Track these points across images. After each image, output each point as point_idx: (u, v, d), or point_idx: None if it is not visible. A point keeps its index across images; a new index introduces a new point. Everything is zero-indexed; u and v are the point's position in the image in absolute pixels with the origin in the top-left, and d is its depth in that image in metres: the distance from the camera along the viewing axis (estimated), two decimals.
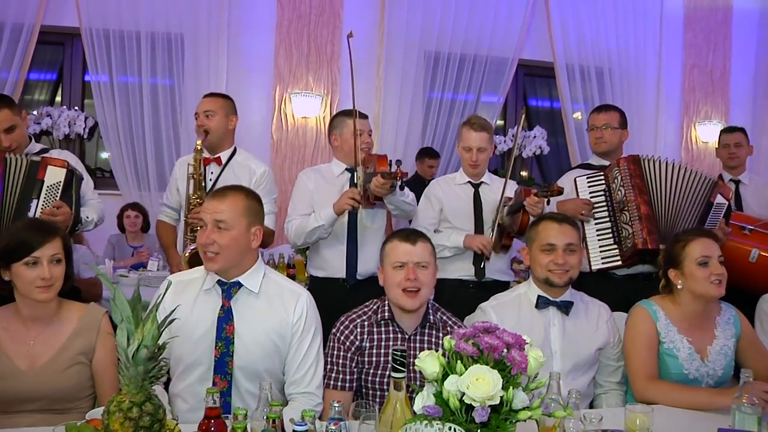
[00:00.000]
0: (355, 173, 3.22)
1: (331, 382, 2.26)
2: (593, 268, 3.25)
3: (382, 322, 2.31)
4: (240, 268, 2.18)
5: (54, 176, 2.87)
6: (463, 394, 1.45)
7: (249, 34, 5.45)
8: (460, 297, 3.22)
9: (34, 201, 2.80)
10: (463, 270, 3.34)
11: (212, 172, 3.34)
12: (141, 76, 5.23)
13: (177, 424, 1.56)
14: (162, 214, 3.56)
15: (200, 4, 5.22)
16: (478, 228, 3.34)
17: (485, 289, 3.17)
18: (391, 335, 2.30)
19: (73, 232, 2.99)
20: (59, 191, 2.87)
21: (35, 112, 5.30)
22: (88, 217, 3.09)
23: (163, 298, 1.65)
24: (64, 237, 2.17)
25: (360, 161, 3.21)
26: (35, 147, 3.16)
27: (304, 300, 2.23)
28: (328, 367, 2.28)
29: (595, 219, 3.27)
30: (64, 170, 2.90)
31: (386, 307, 2.31)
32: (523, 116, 3.51)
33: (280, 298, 2.21)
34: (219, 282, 2.18)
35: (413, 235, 2.30)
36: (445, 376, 1.54)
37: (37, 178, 2.83)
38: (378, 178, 2.90)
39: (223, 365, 2.13)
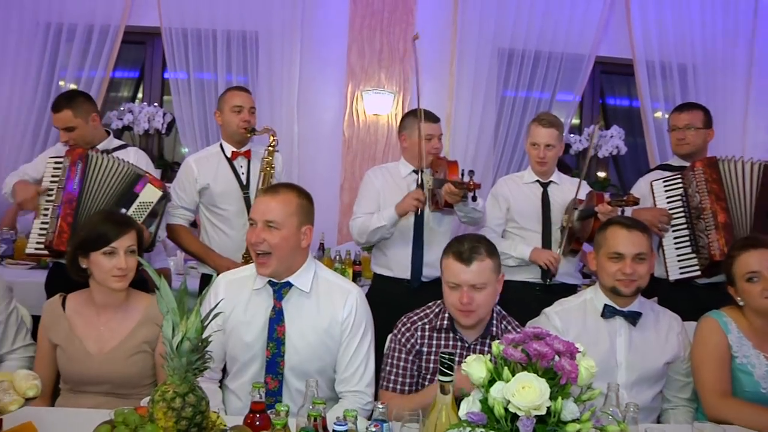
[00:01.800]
0: (421, 177, 3.18)
1: (390, 385, 2.20)
2: (671, 278, 3.08)
3: (443, 329, 2.24)
4: (290, 269, 2.17)
5: (149, 195, 2.92)
6: (509, 402, 1.39)
7: (322, 32, 5.48)
8: (525, 299, 3.13)
9: (123, 210, 2.86)
10: (529, 272, 3.25)
11: (242, 166, 3.33)
12: (217, 73, 5.35)
13: (219, 416, 1.56)
14: (176, 217, 3.32)
15: (274, 2, 5.27)
16: (546, 229, 3.24)
17: (552, 292, 3.07)
18: (451, 343, 2.22)
19: (147, 251, 3.04)
20: (147, 211, 2.92)
21: (121, 108, 5.52)
22: (159, 237, 3.12)
23: (208, 292, 1.65)
24: (138, 230, 2.26)
25: (428, 164, 3.17)
26: (113, 143, 3.25)
27: (354, 297, 2.20)
28: (387, 368, 2.23)
29: (673, 226, 3.10)
30: (160, 193, 2.95)
31: (446, 314, 2.23)
32: (599, 118, 3.39)
33: (330, 297, 2.19)
34: (270, 282, 2.18)
35: (469, 254, 2.13)
36: (491, 382, 1.47)
37: (133, 191, 2.90)
38: (450, 187, 2.86)
39: (274, 365, 2.14)
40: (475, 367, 1.52)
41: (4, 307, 2.33)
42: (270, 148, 3.28)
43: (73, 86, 5.15)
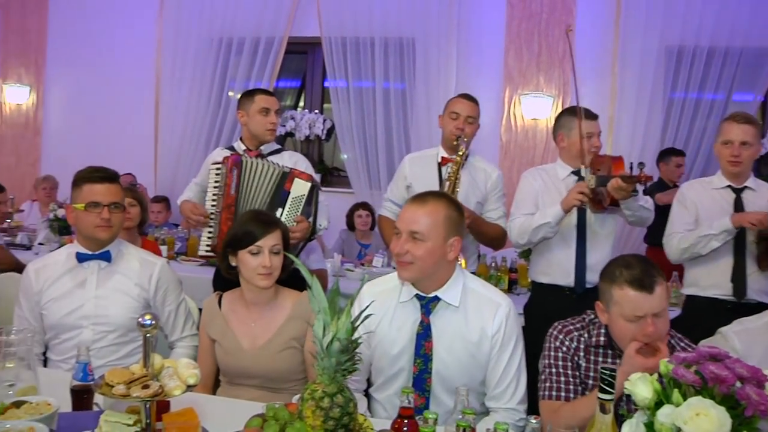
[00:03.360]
0: (584, 175, 3.02)
1: (547, 393, 2.02)
2: None
3: (599, 345, 2.07)
4: (437, 282, 2.08)
5: (299, 189, 3.00)
6: (679, 429, 1.25)
7: (478, 35, 5.43)
8: (712, 318, 2.81)
9: (279, 210, 2.97)
10: (718, 288, 2.96)
11: (448, 173, 3.30)
12: (375, 80, 5.47)
13: (366, 419, 1.55)
14: (385, 209, 3.55)
15: (431, 8, 5.32)
16: (739, 240, 2.93)
17: (744, 311, 2.72)
18: (609, 360, 2.02)
19: (309, 241, 3.17)
20: (302, 204, 3.01)
21: (284, 115, 5.81)
22: (320, 225, 3.19)
23: (359, 292, 1.64)
24: (284, 230, 2.33)
25: (588, 163, 3.01)
26: (272, 146, 3.41)
27: (503, 310, 2.08)
28: (542, 377, 2.10)
29: None
30: (309, 185, 3.03)
31: (603, 330, 2.04)
32: None
33: (479, 310, 2.09)
34: (417, 296, 2.11)
35: (649, 279, 1.88)
36: (658, 404, 1.33)
37: (284, 189, 3.00)
38: (618, 182, 2.69)
39: (421, 382, 2.07)
40: (640, 386, 1.38)
41: (174, 297, 2.51)
42: (458, 158, 3.26)
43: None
